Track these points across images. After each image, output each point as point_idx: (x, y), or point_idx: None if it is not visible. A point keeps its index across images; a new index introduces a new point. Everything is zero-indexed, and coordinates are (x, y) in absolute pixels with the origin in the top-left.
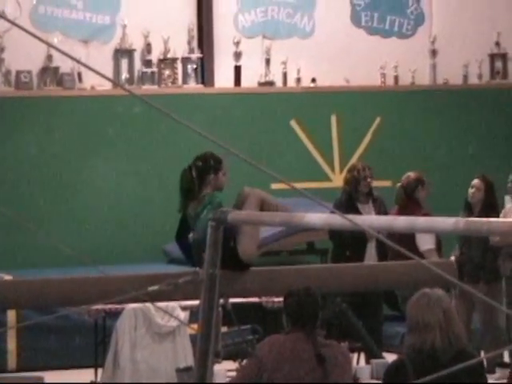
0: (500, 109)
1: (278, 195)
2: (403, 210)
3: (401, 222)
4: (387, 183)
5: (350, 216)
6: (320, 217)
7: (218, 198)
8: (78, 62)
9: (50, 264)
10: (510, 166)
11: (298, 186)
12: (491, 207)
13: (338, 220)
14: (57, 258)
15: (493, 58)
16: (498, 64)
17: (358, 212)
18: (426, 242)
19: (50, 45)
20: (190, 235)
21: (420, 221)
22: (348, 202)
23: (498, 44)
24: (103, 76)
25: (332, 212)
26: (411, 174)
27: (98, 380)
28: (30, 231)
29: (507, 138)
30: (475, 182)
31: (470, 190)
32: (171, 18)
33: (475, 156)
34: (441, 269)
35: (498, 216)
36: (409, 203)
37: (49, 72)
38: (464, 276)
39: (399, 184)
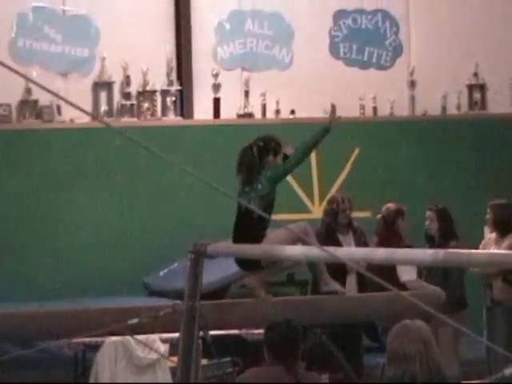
0: (479, 139)
1: None
2: (383, 241)
3: (380, 253)
4: (367, 214)
5: (330, 248)
6: (300, 249)
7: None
8: (56, 95)
9: (30, 297)
10: (491, 198)
11: (279, 217)
12: (449, 234)
13: (317, 252)
14: (36, 291)
15: (471, 88)
16: (477, 95)
17: (338, 243)
18: (406, 273)
19: (28, 79)
20: None
21: (399, 252)
22: (328, 233)
23: (476, 75)
24: (81, 109)
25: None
26: (391, 206)
27: None
28: (9, 264)
29: (486, 168)
30: (428, 214)
31: (426, 223)
32: (150, 50)
33: (454, 186)
34: (421, 300)
35: (458, 241)
36: (389, 234)
37: (28, 105)
38: None
39: (379, 215)
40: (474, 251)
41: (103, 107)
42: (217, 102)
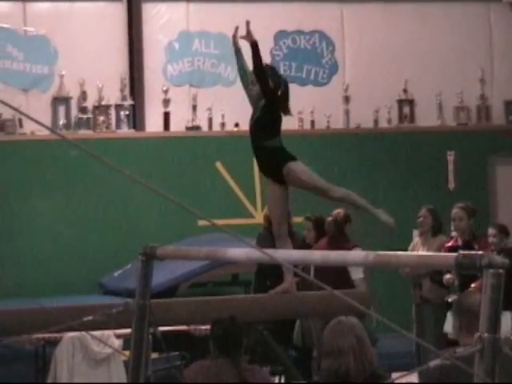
0: (408, 150)
1: (204, 232)
2: (333, 241)
3: (316, 255)
4: (299, 220)
5: (269, 250)
6: (242, 251)
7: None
8: (17, 110)
9: None
10: (418, 204)
11: (224, 222)
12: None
13: (258, 254)
14: None
15: (401, 103)
16: (406, 109)
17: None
18: (356, 272)
19: None
20: None
21: (333, 254)
22: (269, 236)
23: (405, 91)
24: (40, 123)
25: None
26: (340, 211)
27: None
28: None
29: (415, 177)
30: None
31: (304, 232)
32: (105, 68)
33: (386, 195)
34: (354, 298)
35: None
36: (339, 236)
37: None
38: None
39: (330, 218)
40: (402, 253)
41: (62, 120)
42: (167, 115)
